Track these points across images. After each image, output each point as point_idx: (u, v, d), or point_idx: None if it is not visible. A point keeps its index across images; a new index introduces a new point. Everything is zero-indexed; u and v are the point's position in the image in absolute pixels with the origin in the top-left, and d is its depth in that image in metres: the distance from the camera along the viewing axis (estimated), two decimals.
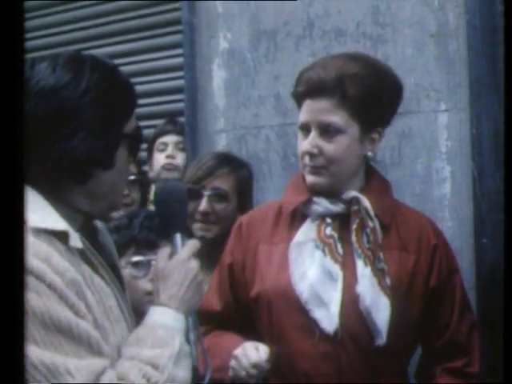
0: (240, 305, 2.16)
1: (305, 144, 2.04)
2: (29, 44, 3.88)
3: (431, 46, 2.62)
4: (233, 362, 1.98)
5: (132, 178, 2.82)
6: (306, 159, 2.05)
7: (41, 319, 1.36)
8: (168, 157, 3.28)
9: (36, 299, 1.37)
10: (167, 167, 3.26)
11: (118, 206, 1.67)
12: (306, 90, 2.04)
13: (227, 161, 2.67)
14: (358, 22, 2.77)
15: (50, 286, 1.38)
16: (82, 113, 1.47)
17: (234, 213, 2.61)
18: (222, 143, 3.09)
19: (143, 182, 2.97)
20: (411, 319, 2.07)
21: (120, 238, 2.16)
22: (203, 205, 2.58)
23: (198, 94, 3.19)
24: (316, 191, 2.07)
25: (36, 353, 1.35)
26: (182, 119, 3.31)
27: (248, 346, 1.99)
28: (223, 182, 2.61)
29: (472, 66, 2.51)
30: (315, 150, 2.02)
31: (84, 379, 1.37)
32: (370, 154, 2.09)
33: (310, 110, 2.04)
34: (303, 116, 2.06)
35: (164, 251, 1.63)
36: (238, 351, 1.99)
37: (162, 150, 3.30)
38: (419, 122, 2.65)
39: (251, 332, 2.10)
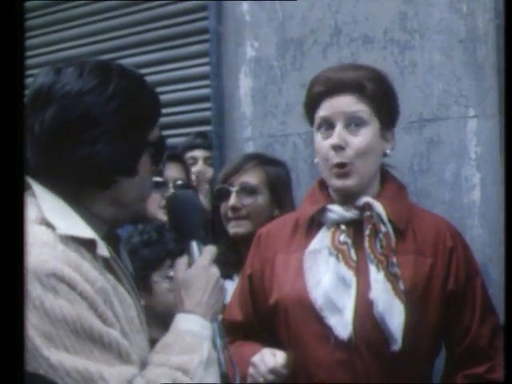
0: (260, 315, 2.16)
1: (332, 139, 2.04)
2: (57, 55, 3.93)
3: (460, 52, 2.60)
4: (251, 370, 1.99)
5: (179, 183, 2.83)
6: (331, 156, 2.04)
7: (72, 327, 1.36)
8: (198, 173, 3.26)
9: (68, 307, 1.37)
10: (198, 184, 3.25)
11: (142, 214, 1.67)
12: (326, 88, 2.07)
13: (255, 157, 2.70)
14: (385, 28, 2.75)
15: (82, 294, 1.39)
16: (106, 119, 1.47)
17: (266, 207, 2.61)
18: (249, 151, 3.08)
19: (190, 188, 2.97)
20: (429, 324, 2.05)
21: (154, 253, 2.17)
22: (231, 200, 2.59)
23: (225, 102, 3.19)
24: (341, 195, 2.07)
25: (68, 359, 1.35)
26: (209, 130, 3.31)
27: (265, 352, 1.99)
28: (250, 177, 2.63)
29: (501, 72, 2.48)
30: (343, 143, 2.03)
31: None
32: (388, 151, 2.12)
33: (332, 106, 2.06)
34: (324, 111, 2.07)
35: (181, 261, 1.63)
36: (255, 358, 1.99)
37: (192, 165, 3.28)
38: (448, 129, 2.62)
39: (273, 342, 2.10)
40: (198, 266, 1.60)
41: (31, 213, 1.44)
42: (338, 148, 2.03)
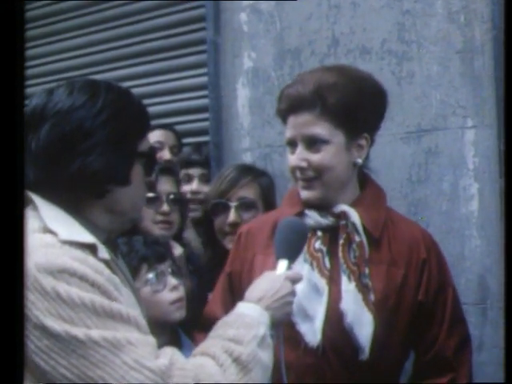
0: None
1: (293, 159, 2.06)
2: (54, 66, 3.93)
3: (457, 63, 2.60)
4: None
5: (172, 196, 2.81)
6: (297, 173, 2.09)
7: (92, 309, 1.42)
8: (193, 193, 3.15)
9: (82, 293, 1.42)
10: (192, 204, 3.10)
11: (137, 222, 1.75)
12: (288, 106, 2.09)
13: (247, 170, 2.70)
14: (383, 39, 2.76)
15: (94, 284, 1.45)
16: (97, 131, 1.55)
17: None
18: (247, 162, 3.08)
19: (183, 201, 2.93)
20: (398, 334, 2.08)
21: (129, 262, 2.19)
22: (231, 216, 2.60)
23: (223, 112, 3.19)
24: (311, 205, 2.09)
25: (94, 332, 1.40)
26: (207, 141, 3.29)
27: None
28: (248, 191, 2.64)
29: (499, 82, 2.48)
30: (303, 164, 2.06)
31: (145, 350, 1.43)
32: (358, 160, 2.11)
33: (293, 126, 2.09)
34: (288, 132, 2.11)
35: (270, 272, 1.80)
36: None
37: (187, 182, 3.18)
38: (446, 139, 2.63)
39: None
40: (279, 276, 1.77)
41: (34, 224, 1.52)
42: (298, 168, 2.06)
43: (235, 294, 2.18)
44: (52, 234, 1.50)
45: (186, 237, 3.06)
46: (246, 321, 1.60)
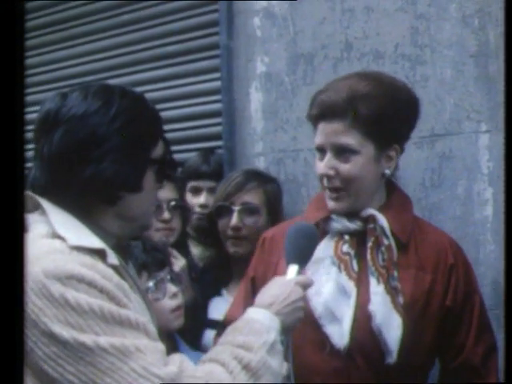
0: None
1: (321, 166, 2.05)
2: (65, 72, 3.94)
3: (471, 67, 2.59)
4: None
5: (173, 203, 2.79)
6: (325, 181, 2.07)
7: (100, 315, 1.41)
8: (201, 206, 3.07)
9: (91, 300, 1.42)
10: (200, 217, 3.04)
11: (148, 229, 1.74)
12: (319, 112, 2.07)
13: (255, 175, 2.70)
14: (396, 43, 2.75)
15: (102, 291, 1.44)
16: (111, 137, 1.55)
17: (265, 227, 2.61)
18: (260, 167, 3.07)
19: (185, 208, 2.91)
20: (425, 339, 2.07)
21: None
22: (234, 220, 2.60)
23: (236, 117, 3.19)
24: (338, 214, 2.09)
25: (103, 339, 1.39)
26: (217, 147, 3.27)
27: None
28: (252, 196, 2.64)
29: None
30: (331, 172, 2.05)
31: (154, 356, 1.42)
32: (387, 171, 2.10)
33: (324, 133, 2.07)
34: (318, 138, 2.09)
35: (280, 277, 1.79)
36: None
37: (195, 194, 3.12)
38: (460, 144, 2.61)
39: None
40: (290, 281, 1.74)
41: (42, 229, 1.52)
42: (326, 176, 2.04)
43: None
44: (61, 240, 1.49)
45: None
46: (256, 327, 1.59)
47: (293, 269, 1.80)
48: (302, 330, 2.02)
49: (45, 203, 1.55)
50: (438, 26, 2.66)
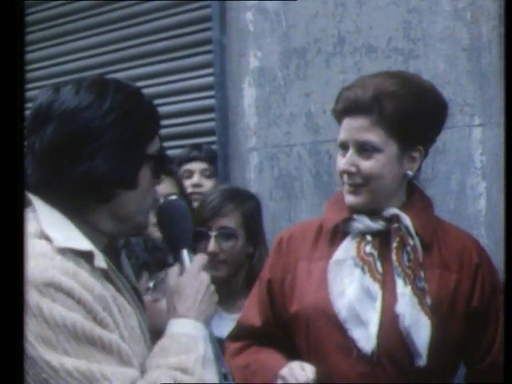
0: (279, 321, 2.12)
1: (343, 163, 2.02)
2: (59, 68, 3.93)
3: (464, 60, 2.58)
4: (280, 382, 1.95)
5: (173, 197, 2.77)
6: (345, 177, 2.04)
7: (72, 332, 1.36)
8: (194, 185, 3.14)
9: (66, 313, 1.37)
10: (194, 197, 3.09)
11: (144, 227, 1.68)
12: (344, 108, 2.03)
13: (231, 197, 2.61)
14: (389, 37, 2.74)
15: (80, 302, 1.39)
16: (104, 133, 1.49)
17: (243, 249, 2.57)
18: (253, 162, 3.07)
19: (187, 202, 2.89)
20: (452, 340, 2.01)
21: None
22: (211, 246, 2.53)
23: (229, 112, 3.18)
24: (355, 210, 2.05)
25: (69, 361, 1.35)
26: (210, 142, 3.27)
27: (294, 365, 1.94)
28: (229, 220, 2.56)
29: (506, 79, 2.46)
30: (353, 169, 2.01)
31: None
32: (409, 172, 2.05)
33: (347, 129, 2.03)
34: (342, 134, 2.04)
35: (174, 269, 1.65)
36: (284, 371, 1.94)
37: (188, 177, 3.17)
38: (453, 138, 2.60)
39: (289, 348, 2.08)
40: (189, 273, 1.62)
41: (31, 227, 1.46)
42: (347, 173, 2.02)
43: (275, 301, 2.12)
44: (47, 241, 1.44)
45: None
46: (183, 342, 1.52)
47: (184, 255, 1.67)
48: (326, 334, 2.00)
49: (36, 201, 1.51)
50: (430, 20, 2.65)
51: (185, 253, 1.67)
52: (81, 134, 1.48)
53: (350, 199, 2.04)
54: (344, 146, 2.04)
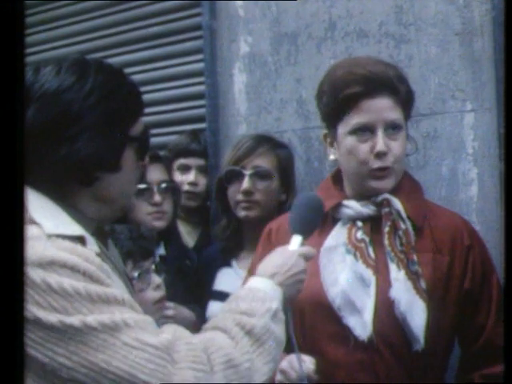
0: None
1: (375, 145, 1.99)
2: (49, 54, 3.88)
3: (456, 45, 2.56)
4: (279, 377, 1.94)
5: (164, 185, 2.73)
6: (371, 160, 2.00)
7: (86, 296, 1.37)
8: (190, 184, 3.07)
9: (75, 282, 1.37)
10: (189, 196, 3.06)
11: (127, 210, 1.67)
12: (364, 89, 1.99)
13: (266, 140, 2.64)
14: (380, 22, 2.71)
15: (85, 273, 1.39)
16: (86, 115, 1.47)
17: (276, 192, 2.58)
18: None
19: (175, 189, 2.83)
20: (447, 322, 2.02)
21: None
22: (245, 184, 2.54)
23: (220, 99, 3.15)
24: (374, 194, 2.04)
25: (90, 318, 1.35)
26: (200, 129, 3.23)
27: (294, 358, 1.92)
28: (264, 160, 2.58)
29: (498, 65, 2.44)
30: (387, 149, 2.00)
31: (145, 328, 1.39)
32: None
33: (371, 110, 2.00)
34: (365, 117, 2.00)
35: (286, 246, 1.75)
36: (283, 364, 1.93)
37: (183, 172, 3.10)
38: (445, 123, 2.58)
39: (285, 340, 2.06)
40: (294, 252, 1.71)
41: None
42: (382, 154, 1.99)
43: None
44: (37, 226, 1.43)
45: (179, 230, 3.00)
46: (259, 295, 1.55)
47: (296, 239, 1.75)
48: (321, 323, 2.00)
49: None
50: (422, 4, 2.62)
51: (298, 238, 1.76)
52: (62, 116, 1.46)
53: (377, 184, 2.02)
54: (367, 129, 2.00)
